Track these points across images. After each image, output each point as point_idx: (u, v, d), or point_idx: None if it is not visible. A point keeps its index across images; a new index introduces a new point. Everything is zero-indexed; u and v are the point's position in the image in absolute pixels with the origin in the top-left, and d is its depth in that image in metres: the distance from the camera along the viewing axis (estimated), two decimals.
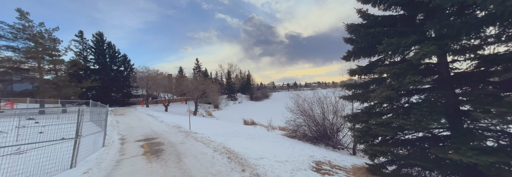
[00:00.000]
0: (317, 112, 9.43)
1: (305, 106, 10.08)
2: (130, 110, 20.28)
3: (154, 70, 33.11)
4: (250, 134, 8.90)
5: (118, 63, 27.80)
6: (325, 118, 8.84)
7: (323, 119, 8.97)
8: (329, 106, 9.18)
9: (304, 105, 10.20)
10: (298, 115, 10.44)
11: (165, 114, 17.83)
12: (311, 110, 9.57)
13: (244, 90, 60.52)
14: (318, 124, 9.05)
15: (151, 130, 8.15)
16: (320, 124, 8.98)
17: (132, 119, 12.23)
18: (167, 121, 10.88)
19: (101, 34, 25.83)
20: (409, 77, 3.17)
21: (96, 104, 8.98)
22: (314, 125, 9.26)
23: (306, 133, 9.94)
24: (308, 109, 9.90)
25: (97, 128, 6.93)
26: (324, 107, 9.19)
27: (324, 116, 8.87)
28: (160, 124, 9.75)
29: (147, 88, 28.11)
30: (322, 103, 9.29)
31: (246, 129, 12.52)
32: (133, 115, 14.86)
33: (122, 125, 9.52)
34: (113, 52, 27.01)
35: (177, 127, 8.64)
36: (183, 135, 6.79)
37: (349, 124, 5.84)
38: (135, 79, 30.48)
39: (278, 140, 8.37)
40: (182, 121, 12.05)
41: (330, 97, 9.37)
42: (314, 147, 7.91)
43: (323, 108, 9.18)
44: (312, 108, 9.62)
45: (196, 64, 48.12)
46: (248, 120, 17.62)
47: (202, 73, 44.45)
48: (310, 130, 9.67)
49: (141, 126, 9.14)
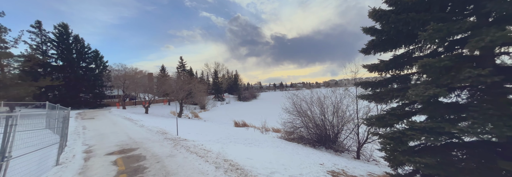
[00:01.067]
0: (316, 112, 8.86)
1: (304, 106, 9.46)
2: (102, 112, 17.71)
3: (132, 69, 30.00)
4: (246, 139, 7.95)
5: (88, 60, 24.43)
6: (325, 119, 8.30)
7: (323, 120, 8.42)
8: (329, 106, 8.67)
9: (302, 105, 9.58)
10: (295, 116, 9.77)
11: (146, 116, 15.86)
12: (311, 110, 8.98)
13: (232, 90, 58.98)
14: (318, 125, 8.47)
15: (129, 137, 6.69)
16: (320, 125, 8.42)
17: (104, 123, 10.35)
18: (148, 125, 9.33)
19: (66, 26, 22.36)
20: (469, 70, 2.57)
21: (55, 106, 7.18)
22: (314, 127, 8.68)
23: (304, 135, 9.31)
24: (307, 109, 9.29)
25: (56, 137, 5.33)
26: (324, 107, 8.65)
27: (325, 117, 8.32)
28: (140, 129, 8.24)
29: (124, 88, 25.17)
30: (322, 103, 8.73)
31: (239, 132, 11.50)
32: (106, 118, 12.77)
33: (91, 132, 7.80)
34: (81, 47, 23.62)
35: (162, 133, 7.29)
36: (171, 143, 5.56)
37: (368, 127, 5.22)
38: (109, 78, 27.16)
39: (278, 144, 7.57)
40: (166, 124, 10.56)
41: (330, 97, 8.85)
42: (316, 151, 7.28)
43: (323, 109, 8.63)
44: (311, 108, 9.03)
45: (180, 62, 45.27)
46: (239, 121, 16.56)
47: (187, 72, 41.92)
48: (309, 132, 9.06)
49: (115, 133, 7.56)
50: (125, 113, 16.27)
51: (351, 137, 7.72)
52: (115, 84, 26.33)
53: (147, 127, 8.95)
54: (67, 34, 22.45)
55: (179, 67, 45.05)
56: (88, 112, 18.88)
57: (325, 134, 8.29)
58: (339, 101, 8.09)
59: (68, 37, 22.50)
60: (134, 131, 7.88)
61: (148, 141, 6.07)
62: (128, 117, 13.55)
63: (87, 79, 23.47)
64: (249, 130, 13.47)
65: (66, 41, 22.35)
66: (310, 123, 8.93)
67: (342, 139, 8.08)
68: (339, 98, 8.12)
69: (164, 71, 40.72)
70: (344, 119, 7.80)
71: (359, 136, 7.04)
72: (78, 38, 23.29)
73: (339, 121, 8.01)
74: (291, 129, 10.11)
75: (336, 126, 8.10)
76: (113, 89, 28.61)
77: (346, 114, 7.78)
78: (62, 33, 22.08)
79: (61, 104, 7.60)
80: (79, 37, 23.33)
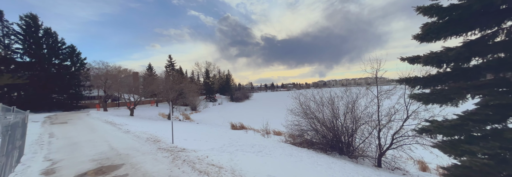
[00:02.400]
0: (327, 114, 8.00)
1: (312, 107, 8.57)
2: (79, 115, 15.46)
3: (114, 67, 27.34)
4: (253, 145, 6.85)
5: (62, 57, 21.60)
6: (338, 121, 7.45)
7: (334, 122, 7.59)
8: (341, 106, 7.84)
9: (311, 105, 8.69)
10: (302, 117, 8.87)
11: (131, 119, 14.04)
12: (321, 111, 8.10)
13: (224, 90, 57.27)
14: (330, 128, 7.62)
15: (110, 147, 5.28)
16: (332, 128, 7.57)
17: (80, 129, 8.61)
18: (135, 130, 7.84)
19: (34, 17, 19.50)
20: None
21: (9, 108, 5.53)
22: (325, 130, 7.81)
23: (313, 139, 8.44)
24: (316, 110, 8.41)
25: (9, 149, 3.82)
26: (336, 108, 7.80)
27: (338, 119, 7.47)
28: (125, 136, 6.77)
29: (105, 88, 22.65)
30: (332, 103, 7.87)
31: (239, 135, 10.36)
32: (83, 122, 10.89)
33: (59, 141, 6.20)
34: (53, 42, 20.79)
35: (153, 141, 5.94)
36: (167, 156, 4.31)
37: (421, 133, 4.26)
38: (88, 77, 24.36)
39: (290, 151, 6.58)
40: (157, 129, 9.11)
41: (342, 97, 8.01)
42: (334, 159, 6.40)
43: (335, 109, 7.79)
44: (320, 109, 8.14)
45: (169, 61, 42.78)
46: (236, 123, 15.35)
47: (177, 71, 39.62)
48: (318, 136, 8.18)
49: (92, 142, 6.05)
50: (106, 116, 14.28)
51: (368, 141, 6.95)
52: (95, 84, 23.63)
53: (133, 132, 7.47)
54: (36, 27, 19.57)
55: (168, 66, 42.54)
56: (61, 115, 16.43)
57: (337, 137, 7.46)
58: (355, 100, 7.29)
59: (37, 30, 19.63)
60: (118, 139, 6.41)
61: (137, 152, 4.74)
62: (110, 120, 11.74)
63: (61, 78, 20.67)
64: (248, 133, 12.34)
65: (35, 34, 19.47)
66: (320, 126, 8.07)
67: (358, 144, 7.28)
68: (354, 97, 7.32)
69: (151, 70, 38.09)
70: (359, 121, 7.01)
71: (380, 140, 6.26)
72: (50, 31, 20.44)
73: (353, 124, 7.19)
74: (298, 132, 9.21)
75: (350, 129, 7.28)
76: (92, 89, 25.76)
77: (363, 115, 6.99)
78: (30, 25, 19.19)
79: (28, 106, 5.96)
80: (51, 31, 20.49)
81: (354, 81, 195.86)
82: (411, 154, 5.49)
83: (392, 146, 5.79)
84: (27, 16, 19.13)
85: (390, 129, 5.89)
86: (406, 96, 5.28)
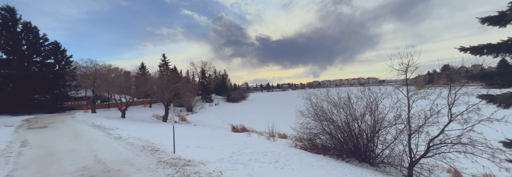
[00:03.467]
0: (344, 116, 7.19)
1: (326, 108, 7.78)
2: (62, 118, 13.98)
3: (104, 65, 25.63)
4: (265, 153, 5.95)
5: (44, 54, 19.79)
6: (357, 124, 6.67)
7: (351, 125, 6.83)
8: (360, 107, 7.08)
9: (324, 106, 7.89)
10: (315, 120, 8.08)
11: (123, 122, 12.78)
12: (338, 113, 7.30)
13: (220, 90, 56.01)
14: (347, 132, 6.85)
15: (97, 160, 4.26)
16: (349, 132, 6.81)
17: (61, 134, 7.41)
18: (128, 136, 6.76)
19: (12, 10, 17.66)
20: None
21: None
22: (341, 134, 7.04)
23: (327, 144, 7.66)
24: (329, 112, 7.63)
25: None
26: (354, 110, 7.03)
27: (358, 122, 6.70)
28: (116, 144, 5.71)
29: (94, 88, 21.01)
30: (350, 104, 7.10)
31: (245, 140, 9.47)
32: (66, 126, 9.60)
33: (33, 152, 5.07)
34: (34, 38, 18.97)
35: (151, 150, 4.94)
36: (172, 174, 3.37)
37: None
38: (74, 76, 22.58)
39: (309, 161, 5.73)
40: (153, 133, 8.06)
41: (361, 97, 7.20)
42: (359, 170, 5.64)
43: (353, 111, 7.02)
44: (338, 111, 7.34)
45: (163, 60, 41.10)
46: (237, 125, 14.40)
47: (172, 71, 38.05)
48: (333, 141, 7.38)
49: (74, 152, 4.98)
50: (94, 118, 12.93)
51: (392, 147, 6.16)
52: (82, 84, 21.92)
53: (126, 138, 6.39)
54: (13, 21, 17.73)
55: (162, 65, 40.84)
56: (43, 117, 14.84)
57: (356, 143, 6.70)
58: (377, 100, 6.53)
59: (15, 25, 17.79)
60: (106, 148, 5.35)
61: (131, 167, 3.76)
62: (98, 123, 10.49)
63: (44, 77, 18.88)
64: (251, 136, 11.46)
65: (13, 29, 17.63)
66: (335, 129, 7.30)
67: (380, 150, 6.48)
68: (377, 97, 6.58)
69: (144, 69, 36.36)
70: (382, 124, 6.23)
71: (411, 147, 5.45)
72: (30, 26, 18.60)
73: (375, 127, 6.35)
74: (306, 135, 8.45)
75: (372, 133, 6.47)
76: (79, 89, 23.96)
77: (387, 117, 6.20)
78: (7, 19, 17.34)
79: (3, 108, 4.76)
80: (31, 25, 18.65)
81: (347, 82, 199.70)
82: (451, 163, 4.77)
83: (427, 155, 5.02)
84: (3, 8, 17.29)
85: (421, 134, 5.15)
86: (454, 96, 4.58)
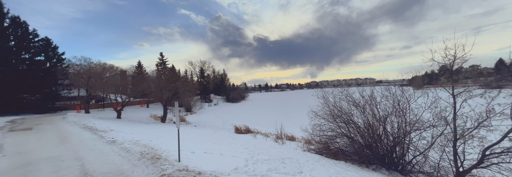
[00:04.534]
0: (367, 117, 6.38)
1: (345, 109, 7.01)
2: (52, 119, 12.95)
3: (99, 64, 24.49)
4: (281, 159, 5.14)
5: (34, 51, 18.62)
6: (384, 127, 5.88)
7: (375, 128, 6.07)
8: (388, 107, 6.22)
9: (343, 106, 7.12)
10: (331, 121, 7.32)
11: (118, 123, 11.85)
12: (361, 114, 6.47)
13: (219, 90, 55.07)
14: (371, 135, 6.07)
15: (83, 172, 3.42)
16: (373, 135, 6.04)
17: (46, 138, 6.50)
18: (123, 139, 5.90)
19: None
20: None
21: None
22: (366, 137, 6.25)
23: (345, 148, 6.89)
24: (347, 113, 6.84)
25: None
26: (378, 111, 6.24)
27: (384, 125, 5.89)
28: (109, 150, 4.86)
29: (88, 87, 19.92)
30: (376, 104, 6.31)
31: (254, 143, 8.69)
32: (53, 128, 8.65)
33: (6, 160, 4.18)
34: (23, 34, 17.81)
35: (151, 157, 4.12)
36: None
37: None
38: (67, 74, 21.42)
39: (336, 170, 4.90)
40: (152, 135, 7.20)
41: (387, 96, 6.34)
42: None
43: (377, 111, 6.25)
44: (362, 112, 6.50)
45: (161, 59, 40.07)
46: (241, 126, 13.59)
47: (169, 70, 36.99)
48: (354, 145, 6.56)
49: (57, 160, 4.12)
50: (87, 119, 11.96)
51: (427, 154, 5.29)
52: (75, 83, 20.77)
53: (121, 143, 5.53)
54: (1, 15, 16.58)
55: (159, 64, 39.80)
56: (31, 118, 13.76)
57: (382, 147, 5.90)
58: (409, 99, 5.69)
59: (2, 19, 16.62)
60: (97, 155, 4.50)
61: None
62: (90, 124, 9.55)
63: (33, 76, 17.71)
64: (257, 138, 10.67)
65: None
66: (356, 131, 6.53)
67: (412, 156, 5.56)
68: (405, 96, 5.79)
69: (141, 68, 35.25)
70: (413, 127, 5.38)
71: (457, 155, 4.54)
72: (18, 21, 17.44)
73: (405, 130, 5.45)
74: (323, 139, 7.70)
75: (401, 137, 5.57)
76: (72, 88, 22.78)
77: (421, 119, 5.37)
78: None
79: None
80: (19, 20, 17.49)
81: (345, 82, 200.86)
82: None
83: (481, 165, 4.13)
84: None
85: (471, 139, 4.33)
86: None
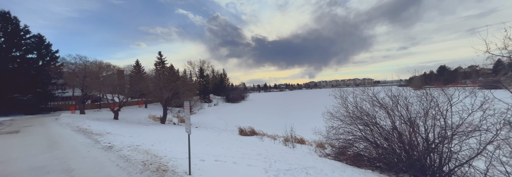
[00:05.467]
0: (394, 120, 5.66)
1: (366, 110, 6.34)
2: (43, 120, 12.11)
3: (95, 62, 23.52)
4: (305, 169, 4.44)
5: (26, 48, 17.67)
6: (416, 131, 5.18)
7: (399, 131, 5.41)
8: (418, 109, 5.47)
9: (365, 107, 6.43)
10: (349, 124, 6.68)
11: (116, 124, 11.07)
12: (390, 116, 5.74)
13: (218, 90, 54.31)
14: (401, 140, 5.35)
15: None
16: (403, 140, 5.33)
17: (33, 143, 5.75)
18: (122, 145, 5.19)
19: None
20: None
21: None
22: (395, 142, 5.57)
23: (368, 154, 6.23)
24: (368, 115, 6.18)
25: None
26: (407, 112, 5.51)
27: (416, 129, 5.17)
28: (105, 159, 4.15)
29: (84, 86, 19.01)
30: (407, 105, 5.55)
31: (264, 147, 8.03)
32: (43, 131, 7.86)
33: None
34: (14, 30, 16.86)
35: (156, 169, 3.42)
36: None
37: None
38: (61, 73, 20.46)
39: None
40: (153, 139, 6.49)
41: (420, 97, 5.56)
42: None
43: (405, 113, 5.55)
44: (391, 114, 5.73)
45: (159, 58, 39.16)
46: (245, 128, 12.92)
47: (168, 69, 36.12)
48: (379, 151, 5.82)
49: (40, 172, 3.41)
50: (81, 120, 11.15)
51: (471, 163, 4.50)
52: (70, 82, 19.83)
53: (119, 149, 4.82)
54: None
55: (158, 63, 38.86)
56: (21, 119, 12.88)
57: (414, 154, 5.17)
58: (451, 99, 4.87)
59: None
60: (91, 165, 3.79)
61: None
62: (85, 127, 8.78)
63: (24, 74, 16.77)
64: (264, 140, 10.02)
65: None
66: (382, 136, 5.89)
67: (453, 166, 4.75)
68: (447, 96, 4.98)
69: (139, 67, 34.31)
70: (455, 131, 4.62)
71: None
72: (8, 16, 16.49)
73: (445, 136, 4.67)
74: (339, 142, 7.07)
75: (437, 142, 4.79)
76: (66, 88, 21.81)
77: (462, 123, 4.63)
78: None
79: None
80: (9, 16, 16.55)
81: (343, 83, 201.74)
82: None
83: None
84: None
85: None
86: None
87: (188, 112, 3.51)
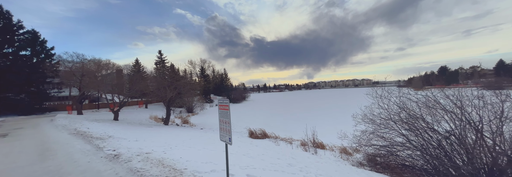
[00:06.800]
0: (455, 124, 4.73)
1: (414, 113, 5.41)
2: (37, 121, 11.13)
3: (94, 60, 22.49)
4: None
5: (19, 44, 16.61)
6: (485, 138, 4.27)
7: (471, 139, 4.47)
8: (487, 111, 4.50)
9: (415, 109, 5.45)
10: (392, 128, 5.83)
11: (117, 126, 10.13)
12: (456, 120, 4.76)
13: (219, 90, 53.39)
14: (465, 148, 4.43)
15: None
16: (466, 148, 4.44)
17: (21, 149, 4.85)
18: (129, 153, 4.32)
19: None
20: None
21: None
22: (458, 150, 4.62)
23: (413, 164, 5.39)
24: (421, 118, 5.24)
25: None
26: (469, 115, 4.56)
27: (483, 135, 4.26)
28: (110, 173, 3.30)
29: (81, 86, 18.01)
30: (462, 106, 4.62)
31: (283, 152, 7.20)
32: (35, 135, 6.93)
33: None
34: (6, 25, 15.80)
35: None
36: None
37: None
38: (57, 71, 19.41)
39: None
40: (164, 144, 5.62)
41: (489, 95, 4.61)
42: None
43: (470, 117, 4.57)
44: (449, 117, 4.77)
45: (159, 57, 38.21)
46: (256, 130, 12.05)
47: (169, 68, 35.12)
48: (430, 159, 4.90)
49: None
50: (79, 122, 10.21)
51: None
52: (67, 81, 18.79)
53: (127, 159, 3.95)
54: None
55: (158, 63, 37.89)
56: (13, 120, 11.87)
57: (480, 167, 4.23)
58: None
59: None
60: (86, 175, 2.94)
61: None
62: (83, 129, 7.87)
63: (17, 72, 15.71)
64: (280, 144, 9.17)
65: None
66: (437, 142, 4.95)
67: None
68: None
69: (138, 66, 33.28)
70: None
71: None
72: (0, 10, 15.45)
73: None
74: (375, 150, 6.25)
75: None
76: (63, 87, 20.75)
77: None
78: None
79: None
80: (1, 10, 15.50)
81: (342, 83, 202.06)
82: None
83: None
84: None
85: None
86: None
87: (227, 114, 2.68)
